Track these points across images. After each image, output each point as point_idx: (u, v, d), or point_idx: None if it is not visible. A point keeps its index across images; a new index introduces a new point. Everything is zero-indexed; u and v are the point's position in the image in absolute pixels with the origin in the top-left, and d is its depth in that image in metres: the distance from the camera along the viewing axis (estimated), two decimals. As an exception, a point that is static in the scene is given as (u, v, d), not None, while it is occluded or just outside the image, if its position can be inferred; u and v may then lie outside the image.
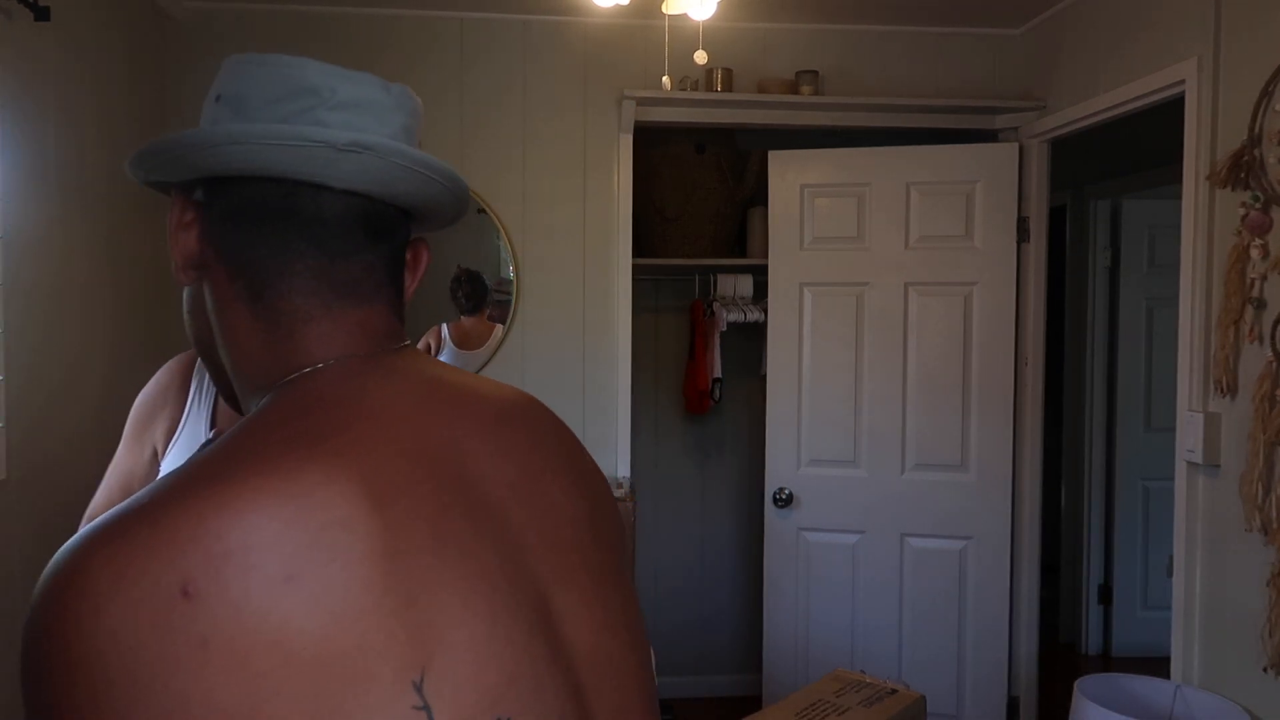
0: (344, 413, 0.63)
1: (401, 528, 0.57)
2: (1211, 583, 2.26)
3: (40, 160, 2.18)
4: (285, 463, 0.56)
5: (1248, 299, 2.09)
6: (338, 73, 0.71)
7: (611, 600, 0.71)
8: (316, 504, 0.55)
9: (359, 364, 0.68)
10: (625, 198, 3.12)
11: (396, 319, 0.73)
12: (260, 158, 0.65)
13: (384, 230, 0.72)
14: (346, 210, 0.69)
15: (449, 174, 0.73)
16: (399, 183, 0.69)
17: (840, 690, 2.10)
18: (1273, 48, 2.06)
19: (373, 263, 0.71)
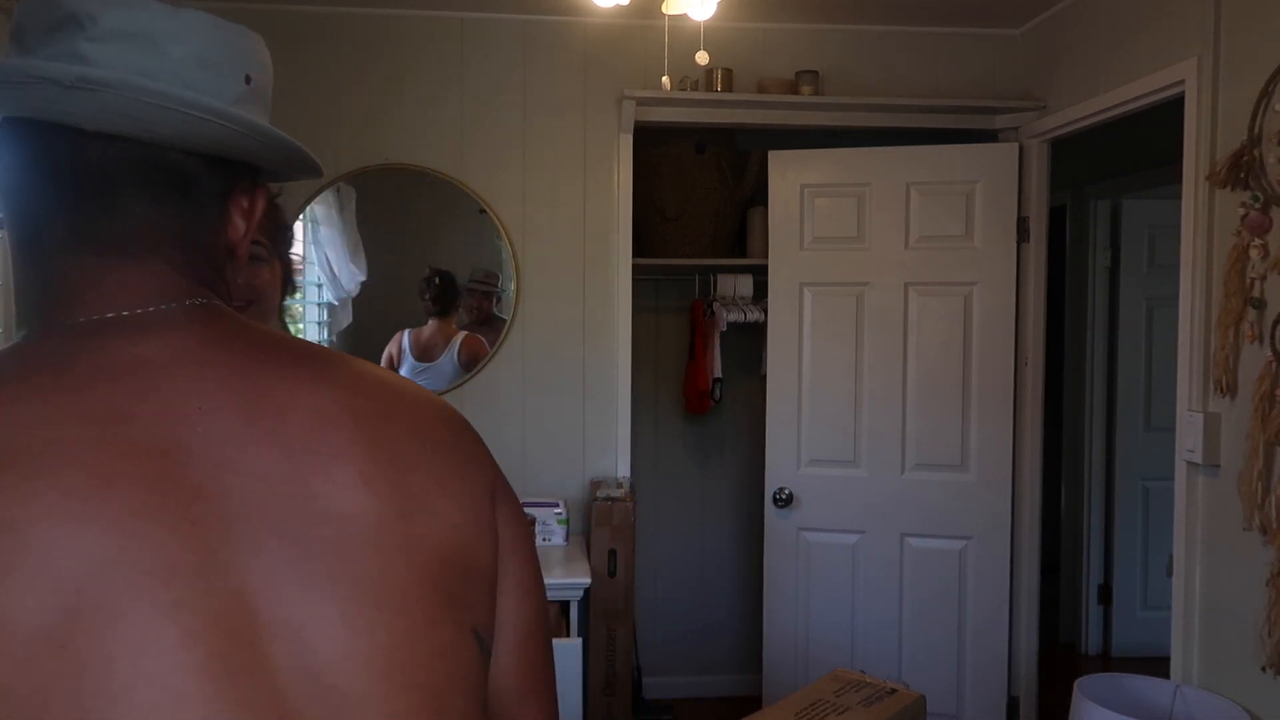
0: (33, 376, 0.58)
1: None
2: (1211, 583, 2.26)
3: (40, 160, 2.18)
4: None
5: (1247, 299, 2.09)
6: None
7: (374, 623, 0.58)
8: None
9: (93, 327, 0.61)
10: (625, 198, 3.12)
11: (184, 277, 0.65)
12: (3, 97, 0.60)
13: (168, 180, 0.64)
14: (106, 156, 0.62)
15: (231, 115, 0.63)
16: (158, 124, 0.61)
17: (840, 690, 2.10)
18: (1273, 48, 2.06)
19: (147, 216, 0.63)
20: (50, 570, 0.52)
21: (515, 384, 3.16)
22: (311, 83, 3.03)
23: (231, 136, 0.64)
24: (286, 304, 0.88)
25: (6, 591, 0.50)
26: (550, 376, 3.16)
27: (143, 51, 0.61)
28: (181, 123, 0.61)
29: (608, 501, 2.89)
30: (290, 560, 0.58)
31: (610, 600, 2.88)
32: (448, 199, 3.11)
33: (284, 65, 3.22)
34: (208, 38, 0.64)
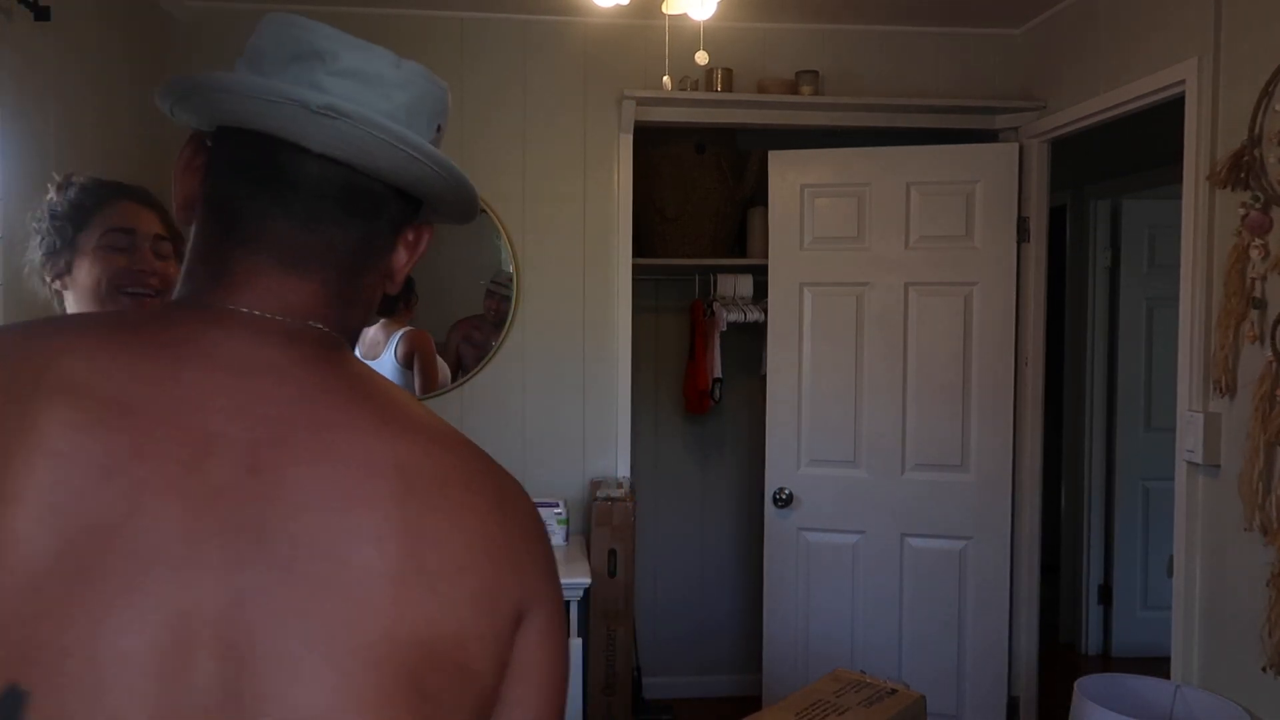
0: (128, 330, 0.64)
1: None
2: (1211, 583, 2.26)
3: (40, 160, 2.18)
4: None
5: (1248, 299, 2.09)
6: (348, 41, 0.72)
7: (322, 677, 0.57)
8: None
9: (215, 315, 0.66)
10: (625, 197, 3.11)
11: (329, 296, 0.70)
12: (242, 109, 0.66)
13: (365, 206, 0.70)
14: (323, 176, 0.68)
15: (438, 158, 0.70)
16: (379, 157, 0.68)
17: (840, 690, 2.10)
18: (1273, 48, 2.06)
19: (337, 238, 0.69)
20: (54, 508, 0.55)
21: (515, 384, 3.16)
22: (311, 83, 3.03)
23: (430, 177, 0.71)
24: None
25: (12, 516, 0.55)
26: (550, 376, 3.16)
27: (372, 91, 0.70)
28: (397, 158, 0.68)
29: (608, 501, 2.89)
30: (272, 584, 0.58)
31: (610, 600, 2.88)
32: (448, 199, 3.11)
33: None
34: (422, 89, 0.72)
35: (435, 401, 3.11)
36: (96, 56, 2.48)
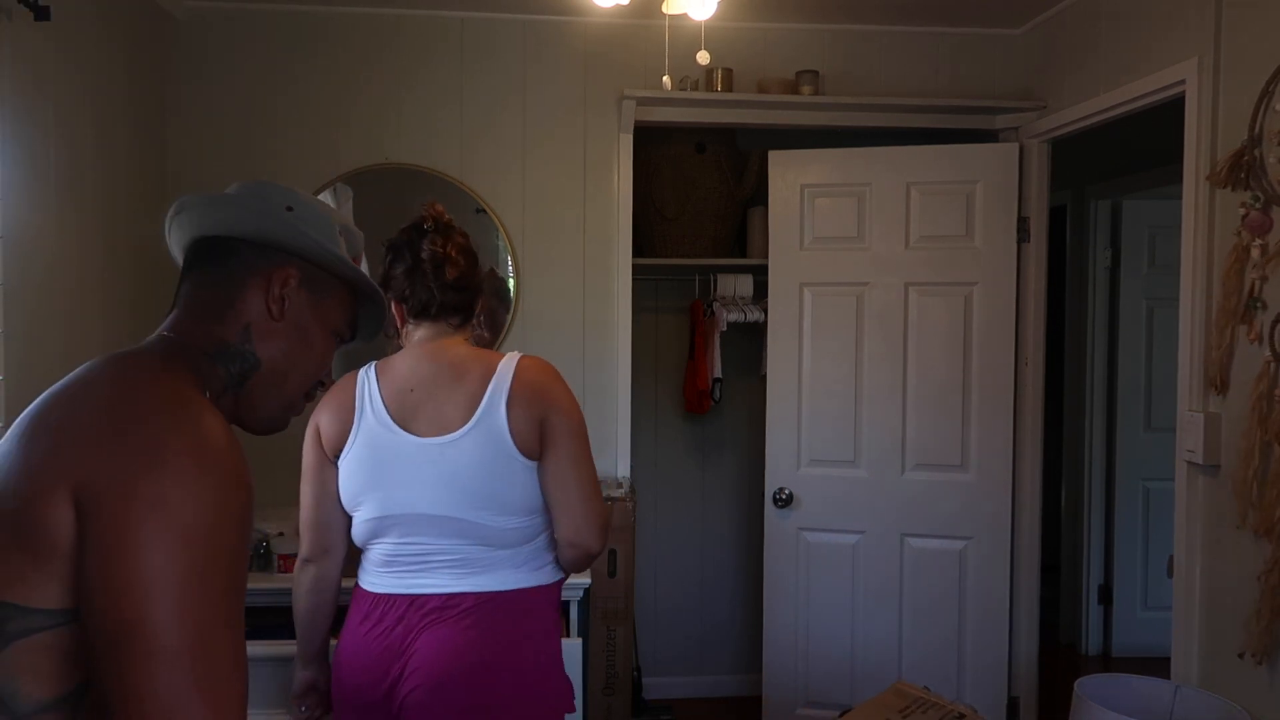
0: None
1: None
2: (1212, 583, 2.25)
3: (40, 160, 2.18)
4: None
5: (1247, 299, 2.09)
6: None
7: None
8: None
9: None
10: (625, 198, 3.11)
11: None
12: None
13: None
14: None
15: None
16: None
17: (906, 709, 2.05)
18: (1273, 48, 2.06)
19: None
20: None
21: (515, 384, 3.15)
22: (312, 82, 3.03)
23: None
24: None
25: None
26: (550, 376, 3.16)
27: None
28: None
29: (608, 501, 2.89)
30: None
31: (610, 600, 2.88)
32: (447, 199, 3.10)
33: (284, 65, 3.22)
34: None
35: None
36: (96, 56, 2.48)
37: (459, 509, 1.56)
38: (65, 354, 2.31)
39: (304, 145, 3.04)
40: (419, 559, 1.60)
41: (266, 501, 3.04)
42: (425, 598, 1.58)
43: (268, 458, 3.07)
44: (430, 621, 1.57)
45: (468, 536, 1.58)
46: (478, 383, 1.59)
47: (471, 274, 1.70)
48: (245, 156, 3.02)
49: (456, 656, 1.53)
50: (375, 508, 1.61)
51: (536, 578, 1.64)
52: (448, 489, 1.56)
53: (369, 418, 1.62)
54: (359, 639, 1.62)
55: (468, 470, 1.56)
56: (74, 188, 2.35)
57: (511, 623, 1.58)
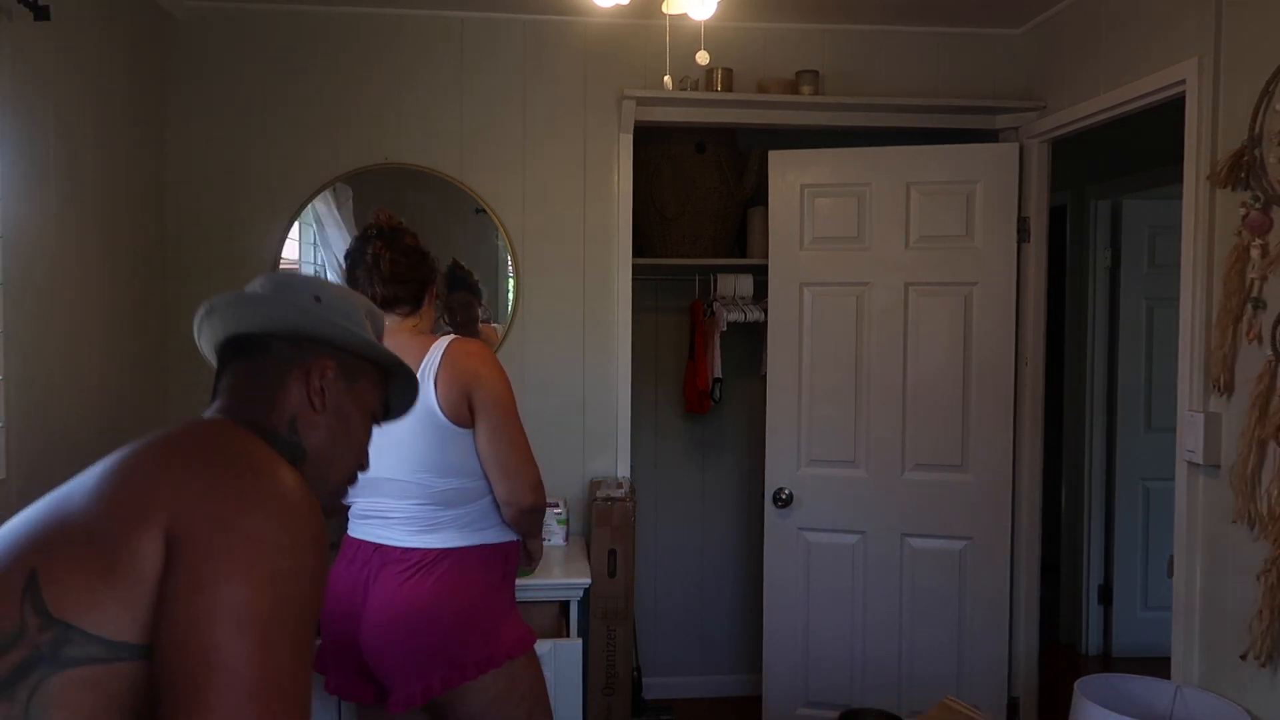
0: None
1: None
2: (1212, 583, 2.25)
3: (40, 160, 2.18)
4: None
5: (1247, 299, 2.09)
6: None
7: None
8: None
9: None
10: (625, 198, 3.11)
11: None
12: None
13: None
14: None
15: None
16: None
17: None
18: (1273, 48, 2.06)
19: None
20: None
21: (515, 383, 3.13)
22: (312, 82, 3.03)
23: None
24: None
25: None
26: (550, 376, 3.16)
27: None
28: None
29: (608, 501, 2.89)
30: None
31: (610, 600, 2.88)
32: (447, 199, 3.11)
33: (284, 65, 3.22)
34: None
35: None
36: (96, 56, 2.48)
37: (405, 472, 1.84)
38: (65, 354, 2.31)
39: (304, 145, 3.04)
40: (382, 515, 1.90)
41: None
42: (387, 548, 1.87)
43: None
44: (386, 569, 1.86)
45: (416, 497, 1.85)
46: (413, 362, 1.82)
47: (412, 271, 1.96)
48: (245, 157, 3.02)
49: (403, 603, 1.81)
50: None
51: (481, 537, 1.90)
52: (394, 455, 1.82)
53: None
54: (338, 574, 1.92)
55: (408, 438, 1.82)
56: (74, 188, 2.35)
57: (456, 576, 1.84)
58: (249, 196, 3.03)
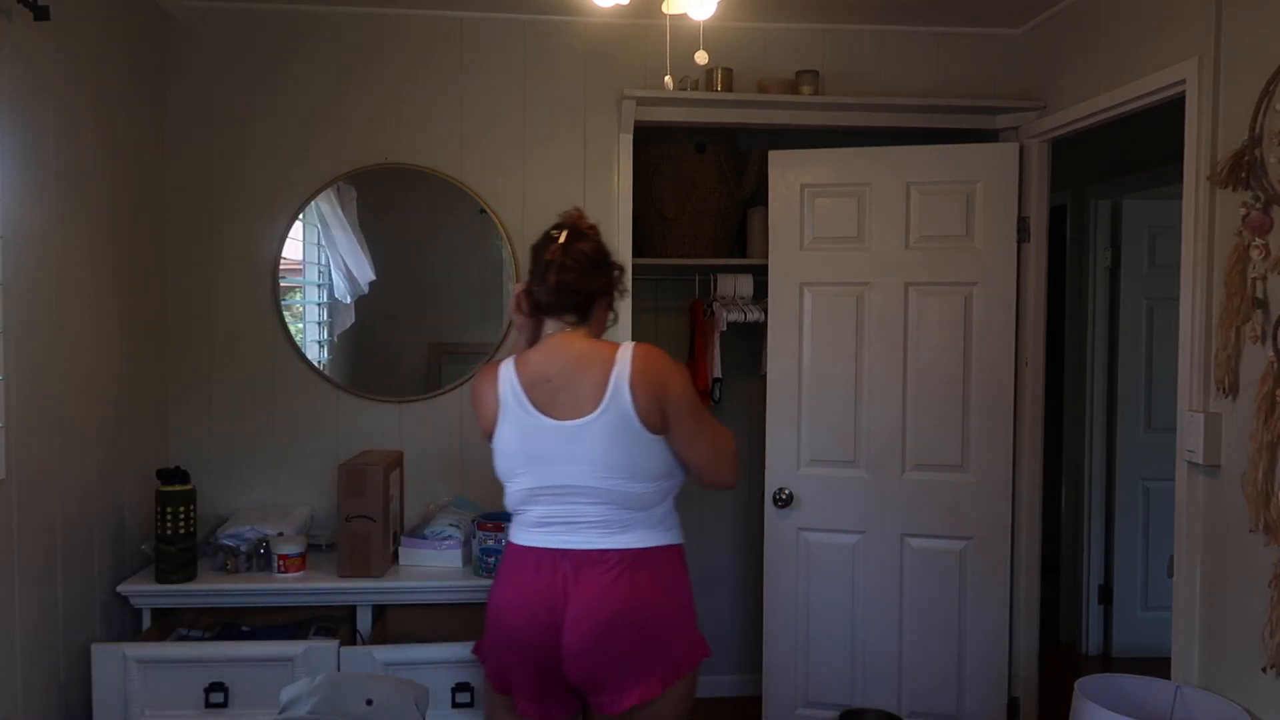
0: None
1: None
2: (1212, 583, 2.25)
3: (40, 160, 2.18)
4: None
5: (1248, 299, 2.09)
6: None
7: None
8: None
9: None
10: (625, 198, 3.11)
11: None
12: None
13: None
14: None
15: None
16: None
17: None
18: (1273, 48, 2.06)
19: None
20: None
21: (515, 384, 3.15)
22: (312, 82, 3.03)
23: None
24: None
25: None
26: (550, 376, 3.16)
27: None
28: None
29: (608, 502, 2.88)
30: None
31: (610, 600, 2.87)
32: (448, 199, 3.11)
33: (284, 65, 3.22)
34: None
35: (435, 399, 3.11)
36: (96, 56, 2.48)
37: (599, 479, 1.83)
38: (65, 354, 2.31)
39: (304, 145, 3.04)
40: (567, 520, 1.86)
41: (268, 502, 3.04)
42: (578, 552, 1.84)
43: (273, 465, 3.07)
44: (585, 570, 1.83)
45: (608, 501, 1.84)
46: (600, 372, 1.83)
47: (583, 281, 1.92)
48: (245, 156, 3.02)
49: (616, 601, 1.80)
50: (529, 480, 1.88)
51: (667, 538, 1.91)
52: (589, 463, 1.82)
53: (512, 405, 1.88)
54: (518, 587, 1.87)
55: (604, 446, 1.82)
56: (74, 188, 2.35)
57: (650, 575, 1.84)
58: (249, 196, 3.03)
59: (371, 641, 2.56)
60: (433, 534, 2.77)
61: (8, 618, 2.06)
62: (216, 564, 2.71)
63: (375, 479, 2.64)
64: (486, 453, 3.13)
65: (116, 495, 2.62)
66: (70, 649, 2.34)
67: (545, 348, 1.93)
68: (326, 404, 3.09)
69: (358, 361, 3.16)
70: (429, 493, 3.10)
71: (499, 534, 2.62)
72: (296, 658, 2.37)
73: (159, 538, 2.57)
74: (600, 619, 1.79)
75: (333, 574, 2.67)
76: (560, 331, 1.94)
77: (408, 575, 2.69)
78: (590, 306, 1.95)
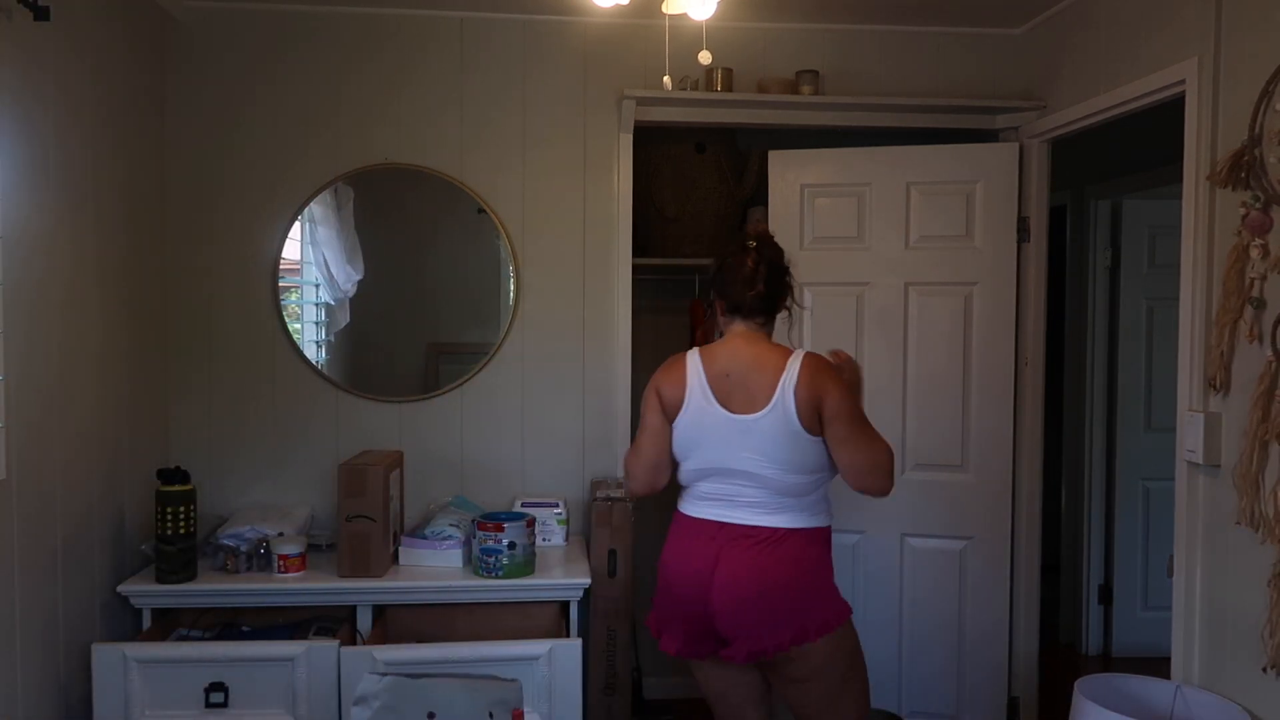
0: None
1: None
2: (1212, 583, 2.25)
3: (40, 160, 2.18)
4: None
5: (1247, 299, 2.09)
6: None
7: None
8: None
9: None
10: (625, 198, 3.11)
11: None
12: None
13: None
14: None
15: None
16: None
17: None
18: (1273, 48, 2.06)
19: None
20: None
21: (514, 384, 3.15)
22: (312, 82, 3.03)
23: None
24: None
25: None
26: (550, 376, 3.16)
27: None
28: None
29: (608, 501, 2.89)
30: None
31: (610, 600, 2.88)
32: (447, 199, 3.11)
33: (284, 65, 3.22)
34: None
35: (435, 400, 3.12)
36: (96, 57, 2.48)
37: (760, 467, 2.07)
38: (65, 354, 2.31)
39: (304, 145, 3.03)
40: (728, 498, 2.12)
41: (268, 502, 3.04)
42: (732, 525, 2.10)
43: (273, 465, 3.07)
44: (736, 543, 2.08)
45: (765, 487, 2.08)
46: (774, 375, 2.08)
47: (776, 289, 2.19)
48: (245, 156, 3.02)
49: (758, 571, 2.05)
50: (701, 460, 2.13)
51: (814, 521, 2.13)
52: (753, 452, 2.07)
53: (697, 394, 2.11)
54: (682, 550, 2.15)
55: (768, 440, 2.06)
56: (74, 188, 2.35)
57: (790, 551, 2.08)
58: (249, 196, 3.03)
59: (371, 641, 2.56)
60: (433, 534, 2.78)
61: (8, 618, 2.07)
62: (217, 564, 2.71)
63: (375, 479, 2.64)
64: (486, 453, 3.16)
65: (117, 495, 2.62)
66: (70, 649, 2.34)
67: (729, 346, 2.16)
68: (326, 404, 3.09)
69: (356, 361, 3.16)
70: (429, 493, 3.10)
71: (499, 534, 2.62)
72: (296, 658, 2.37)
73: (159, 538, 2.57)
74: (740, 584, 2.06)
75: (333, 574, 2.67)
76: (745, 331, 2.17)
77: (408, 575, 2.69)
78: (776, 310, 2.22)
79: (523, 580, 2.66)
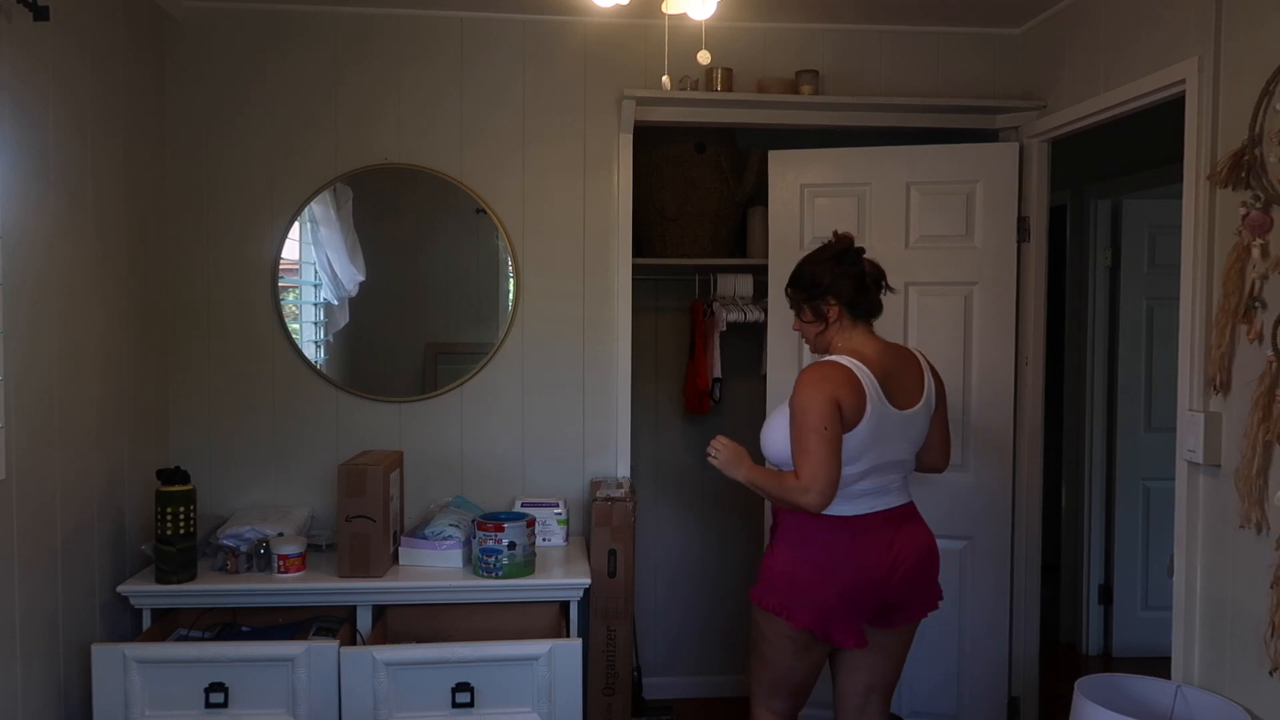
0: None
1: None
2: (1212, 583, 2.25)
3: (40, 160, 2.18)
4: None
5: (1247, 299, 2.09)
6: None
7: None
8: None
9: None
10: (625, 198, 3.11)
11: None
12: None
13: None
14: None
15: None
16: None
17: None
18: (1273, 47, 2.06)
19: None
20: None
21: (515, 384, 3.15)
22: (311, 82, 3.03)
23: None
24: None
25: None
26: (550, 376, 3.16)
27: None
28: None
29: (608, 501, 2.89)
30: None
31: (610, 600, 2.88)
32: (447, 199, 3.11)
33: (284, 65, 3.22)
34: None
35: (434, 400, 3.11)
36: (96, 57, 2.48)
37: (909, 453, 2.29)
38: (65, 354, 2.31)
39: (303, 146, 3.03)
40: (879, 490, 2.26)
41: (268, 502, 3.04)
42: (890, 510, 2.27)
43: (273, 465, 3.07)
44: (903, 525, 2.28)
45: (905, 470, 2.31)
46: (918, 368, 2.30)
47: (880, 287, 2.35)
48: (245, 157, 3.02)
49: (930, 539, 2.33)
50: (871, 460, 2.20)
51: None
52: (909, 442, 2.27)
53: (875, 399, 2.18)
54: (860, 549, 2.22)
55: (918, 428, 2.27)
56: (74, 188, 2.35)
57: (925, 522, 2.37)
58: (249, 196, 3.03)
59: (371, 642, 2.56)
60: (433, 534, 2.78)
61: (8, 618, 2.06)
62: (217, 564, 2.71)
63: (375, 479, 2.64)
64: (486, 453, 3.16)
65: (117, 495, 2.62)
66: (70, 649, 2.34)
67: (874, 346, 2.27)
68: (326, 404, 3.09)
69: (356, 361, 3.16)
70: (429, 493, 3.10)
71: (499, 534, 2.62)
72: (296, 658, 2.37)
73: (159, 538, 2.57)
74: (922, 555, 2.28)
75: (333, 574, 2.68)
76: (870, 331, 2.31)
77: (408, 575, 2.69)
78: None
79: (523, 580, 2.66)
